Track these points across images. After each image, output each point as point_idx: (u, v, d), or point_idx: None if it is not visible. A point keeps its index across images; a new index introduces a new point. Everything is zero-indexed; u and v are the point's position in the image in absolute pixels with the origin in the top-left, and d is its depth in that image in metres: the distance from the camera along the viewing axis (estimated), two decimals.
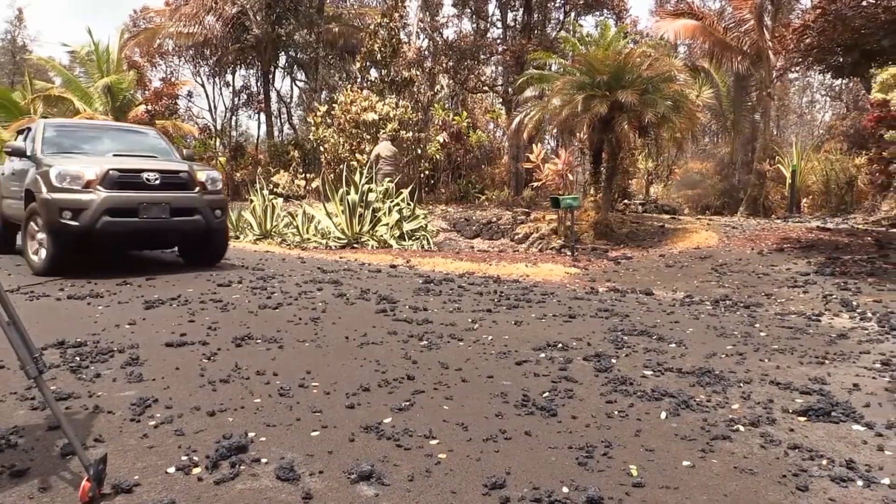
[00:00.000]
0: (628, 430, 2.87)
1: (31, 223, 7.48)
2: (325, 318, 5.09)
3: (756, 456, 2.64)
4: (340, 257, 10.16)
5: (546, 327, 4.99)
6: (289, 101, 34.47)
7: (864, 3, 10.25)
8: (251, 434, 2.64)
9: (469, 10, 25.46)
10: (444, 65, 23.14)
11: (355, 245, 12.29)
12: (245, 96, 32.44)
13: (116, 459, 2.36)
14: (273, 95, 30.33)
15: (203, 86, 31.97)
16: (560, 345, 4.36)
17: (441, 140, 19.00)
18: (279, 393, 3.18)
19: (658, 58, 13.54)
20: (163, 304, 5.49)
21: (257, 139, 34.03)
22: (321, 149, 15.95)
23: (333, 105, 16.92)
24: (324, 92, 26.11)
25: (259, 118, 34.89)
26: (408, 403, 3.09)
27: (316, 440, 2.62)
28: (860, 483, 2.40)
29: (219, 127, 31.41)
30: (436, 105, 20.67)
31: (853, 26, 10.10)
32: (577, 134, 14.56)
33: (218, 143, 29.83)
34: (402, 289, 6.72)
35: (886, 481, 2.42)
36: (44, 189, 7.15)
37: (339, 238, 12.51)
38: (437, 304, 5.82)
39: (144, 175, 7.38)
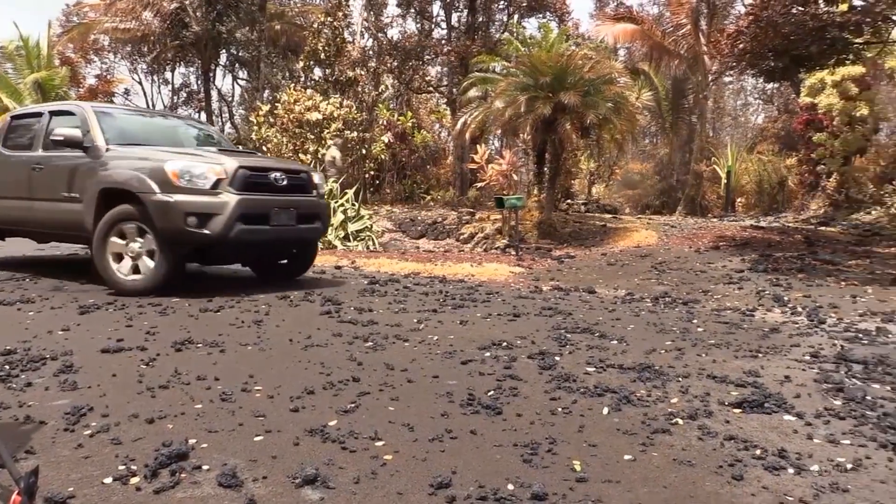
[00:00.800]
0: (572, 426, 2.93)
1: (116, 231, 6.16)
2: (268, 320, 5.02)
3: (694, 448, 2.72)
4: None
5: (491, 326, 5.04)
6: (230, 99, 33.80)
7: (793, 11, 10.67)
8: (192, 441, 2.58)
9: (413, 11, 25.43)
10: (388, 65, 23.06)
11: None
12: (185, 95, 31.71)
13: (49, 471, 2.28)
14: (214, 94, 29.70)
15: (140, 83, 31.11)
16: (505, 343, 4.41)
17: (386, 140, 18.94)
18: (221, 398, 3.12)
19: (599, 60, 13.80)
20: (98, 308, 5.32)
21: None
22: (264, 148, 15.69)
23: (276, 104, 16.66)
24: (266, 91, 25.66)
25: (199, 117, 34.14)
26: (353, 405, 3.08)
27: (259, 445, 2.59)
28: (791, 471, 2.51)
29: None
30: (380, 105, 20.59)
31: (783, 32, 10.50)
32: (521, 135, 14.72)
33: None
34: (347, 290, 6.68)
35: (815, 468, 2.53)
36: (156, 188, 5.92)
37: None
38: (382, 305, 5.81)
39: (272, 175, 6.48)
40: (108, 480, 2.22)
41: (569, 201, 18.90)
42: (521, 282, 8.00)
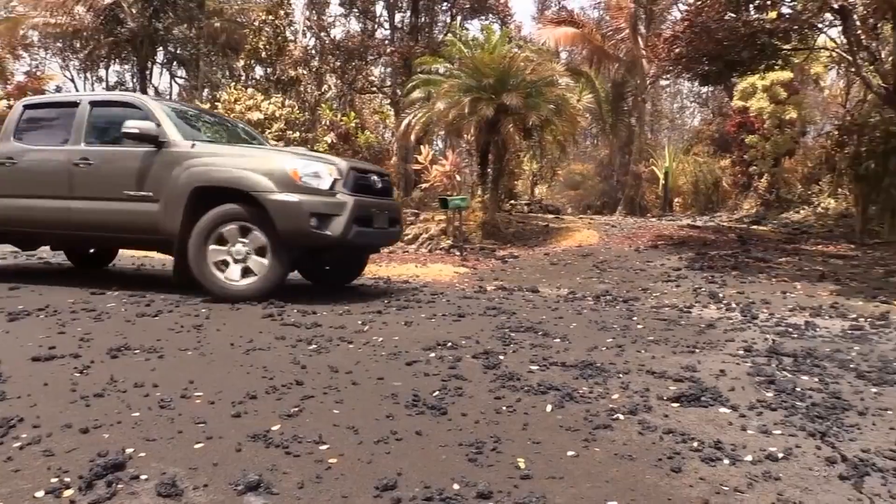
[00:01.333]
0: (516, 424, 2.96)
1: (215, 235, 5.84)
2: (208, 324, 4.91)
3: (635, 442, 2.79)
4: None
5: (436, 327, 5.05)
6: (168, 98, 32.91)
7: (726, 18, 11.06)
8: (129, 450, 2.50)
9: (356, 10, 25.28)
10: (331, 64, 22.86)
11: None
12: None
13: None
14: (150, 92, 28.85)
15: (73, 81, 29.97)
16: (450, 344, 4.42)
17: (329, 141, 18.75)
18: (159, 405, 3.04)
19: (541, 63, 13.99)
20: (28, 315, 5.11)
21: None
22: None
23: (216, 103, 16.31)
24: (206, 90, 25.11)
25: None
26: (297, 409, 3.04)
27: (200, 452, 2.53)
28: (727, 461, 2.60)
29: None
30: (323, 105, 20.35)
31: (717, 38, 10.87)
32: (465, 135, 14.81)
33: None
34: (290, 292, 6.59)
35: (749, 458, 2.63)
36: (274, 187, 5.67)
37: None
38: (326, 307, 5.75)
39: (371, 177, 6.37)
40: (40, 494, 2.14)
41: (512, 202, 19.09)
42: (466, 282, 8.04)
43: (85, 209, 6.31)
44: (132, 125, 5.98)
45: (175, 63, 29.30)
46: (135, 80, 29.28)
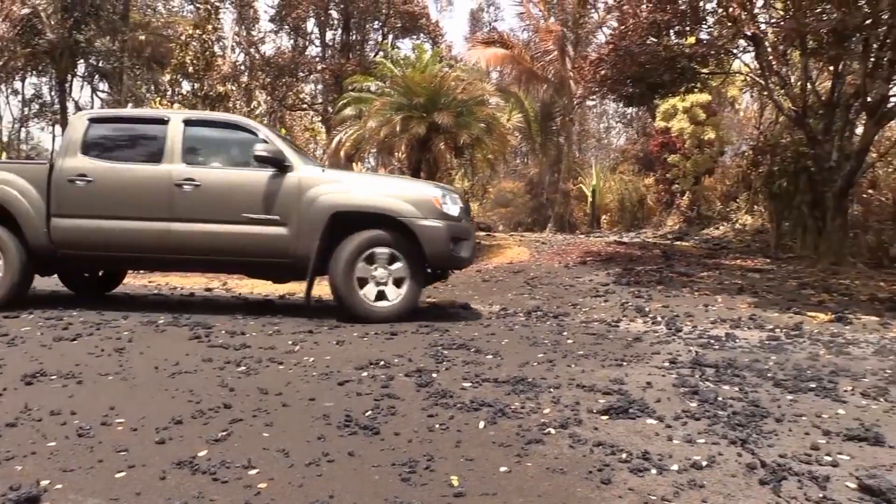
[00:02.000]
0: (449, 441, 2.96)
1: (363, 258, 5.99)
2: (131, 347, 4.73)
3: (566, 456, 2.83)
4: (150, 281, 9.51)
5: (368, 345, 5.01)
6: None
7: (648, 42, 11.49)
8: (44, 482, 2.38)
9: (287, 27, 25.07)
10: (261, 80, 22.58)
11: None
12: (37, 106, 29.41)
13: None
14: (70, 106, 27.75)
15: None
16: (382, 362, 4.39)
17: None
18: (78, 434, 2.90)
19: (472, 82, 14.20)
20: None
21: (52, 153, 30.90)
22: None
23: None
24: (130, 104, 24.35)
25: (54, 130, 31.80)
26: (225, 433, 2.96)
27: (122, 482, 2.42)
28: (654, 471, 2.66)
29: (5, 139, 28.16)
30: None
31: (640, 61, 11.28)
32: (396, 153, 14.84)
33: (4, 157, 26.70)
34: (218, 313, 6.42)
35: (675, 467, 2.70)
36: (420, 214, 5.98)
37: None
38: (255, 328, 5.63)
39: (464, 203, 6.79)
40: None
41: None
42: None
43: (190, 231, 6.10)
44: (263, 149, 6.00)
45: (97, 76, 28.32)
46: (53, 94, 28.16)
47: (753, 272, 9.96)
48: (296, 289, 8.59)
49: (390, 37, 24.56)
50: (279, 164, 6.09)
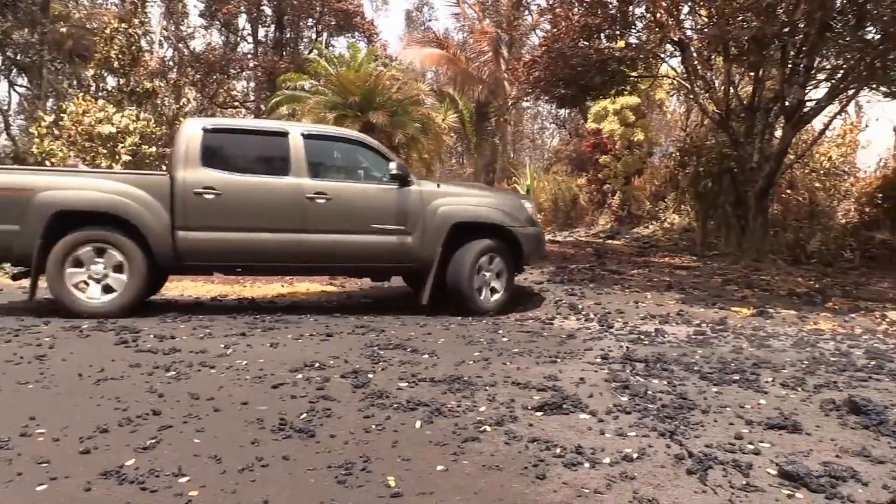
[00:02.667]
0: (386, 442, 2.96)
1: (482, 261, 6.84)
2: (53, 354, 4.53)
3: (502, 452, 2.87)
4: None
5: (303, 347, 4.94)
6: (6, 108, 30.16)
7: (580, 45, 11.72)
8: None
9: (218, 22, 24.47)
10: (190, 77, 21.97)
11: None
12: None
13: None
14: None
15: None
16: (317, 364, 4.35)
17: None
18: None
19: (407, 82, 14.20)
20: None
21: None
22: (47, 163, 14.17)
23: (62, 115, 15.15)
24: (50, 100, 23.29)
25: None
26: (154, 441, 2.87)
27: (44, 495, 2.33)
28: (587, 465, 2.73)
29: None
30: (182, 119, 19.46)
31: (572, 64, 11.50)
32: None
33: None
34: (146, 317, 6.22)
35: (607, 460, 2.78)
36: (523, 223, 7.12)
37: None
38: (186, 331, 5.47)
39: None
40: None
41: None
42: (334, 300, 7.95)
43: (323, 241, 6.52)
44: (396, 166, 6.67)
45: (14, 70, 26.93)
46: None
47: (681, 269, 10.30)
48: (227, 290, 8.41)
49: (324, 35, 24.29)
50: (405, 180, 6.71)
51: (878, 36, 9.42)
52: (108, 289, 6.07)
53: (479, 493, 2.45)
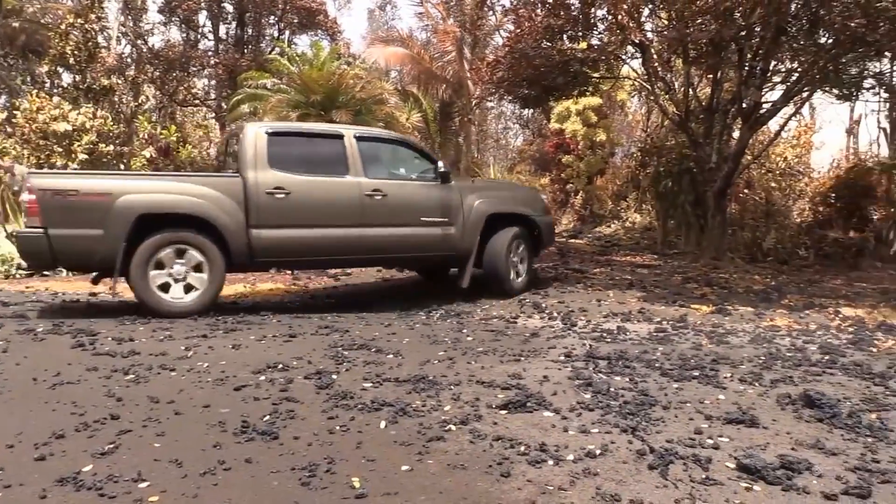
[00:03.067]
0: (350, 443, 2.94)
1: (509, 248, 7.71)
2: (6, 358, 4.40)
3: (466, 451, 2.88)
4: (27, 287, 8.87)
5: (266, 349, 4.89)
6: None
7: (543, 45, 11.80)
8: None
9: (177, 19, 24.04)
10: (149, 74, 21.56)
11: (46, 273, 10.80)
12: None
13: None
14: None
15: None
16: (280, 365, 4.31)
17: (147, 155, 17.61)
18: None
19: (370, 81, 14.16)
20: None
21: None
22: None
23: (15, 112, 14.74)
24: (2, 96, 22.64)
25: None
26: (112, 446, 2.81)
27: None
28: (551, 462, 2.76)
29: None
30: (140, 117, 19.04)
31: (535, 64, 11.57)
32: None
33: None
34: (104, 319, 6.08)
35: (571, 457, 2.81)
36: (543, 213, 8.42)
37: (24, 265, 10.85)
38: (145, 333, 5.37)
39: None
40: None
41: None
42: (297, 300, 7.89)
43: (384, 235, 7.10)
44: (443, 166, 7.49)
45: None
46: None
47: (642, 268, 10.46)
48: None
49: (287, 32, 24.05)
50: (446, 177, 7.44)
51: (830, 41, 9.69)
52: (188, 288, 6.27)
53: (444, 493, 2.46)
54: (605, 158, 18.77)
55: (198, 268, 6.27)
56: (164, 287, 6.16)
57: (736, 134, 12.21)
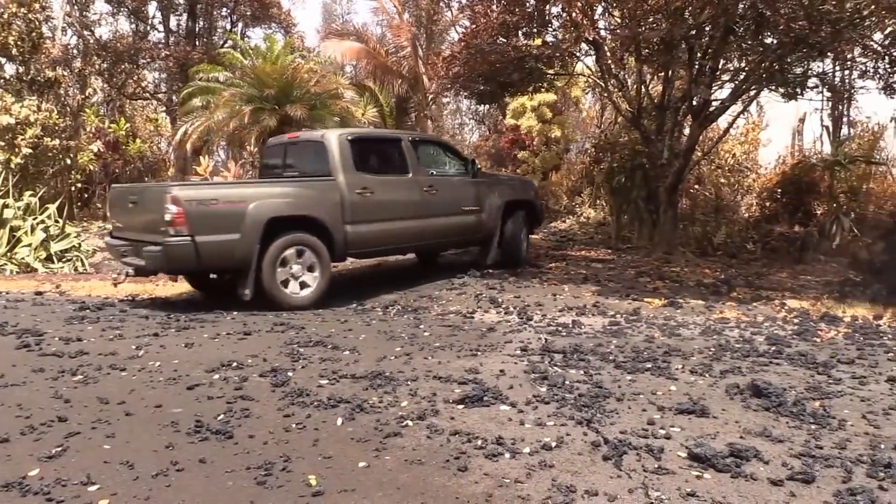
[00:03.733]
0: (306, 440, 2.92)
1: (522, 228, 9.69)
2: None
3: (424, 446, 2.88)
4: None
5: (220, 347, 4.82)
6: None
7: (499, 41, 11.83)
8: None
9: (126, 9, 23.38)
10: (97, 66, 20.93)
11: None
12: None
13: None
14: None
15: None
16: (235, 363, 4.25)
17: (95, 149, 17.11)
18: None
19: (325, 75, 14.01)
20: None
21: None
22: None
23: None
24: None
25: None
26: (60, 449, 2.74)
27: None
28: (508, 455, 2.78)
29: None
30: (88, 110, 18.46)
31: (490, 60, 11.59)
32: (248, 147, 14.34)
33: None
34: (51, 319, 5.91)
35: (527, 450, 2.84)
36: (536, 198, 10.49)
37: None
38: (94, 333, 5.23)
39: None
40: None
41: None
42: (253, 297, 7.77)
43: (437, 223, 8.50)
44: (477, 163, 9.29)
45: None
46: None
47: (597, 262, 10.61)
48: (138, 290, 8.09)
49: (240, 25, 23.61)
50: (477, 173, 9.11)
51: (776, 41, 9.96)
52: (303, 285, 6.93)
53: (401, 488, 2.46)
54: (560, 154, 18.95)
55: (311, 266, 6.98)
56: (284, 283, 6.78)
57: (687, 131, 12.45)
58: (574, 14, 11.08)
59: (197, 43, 21.44)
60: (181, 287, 8.30)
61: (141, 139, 19.79)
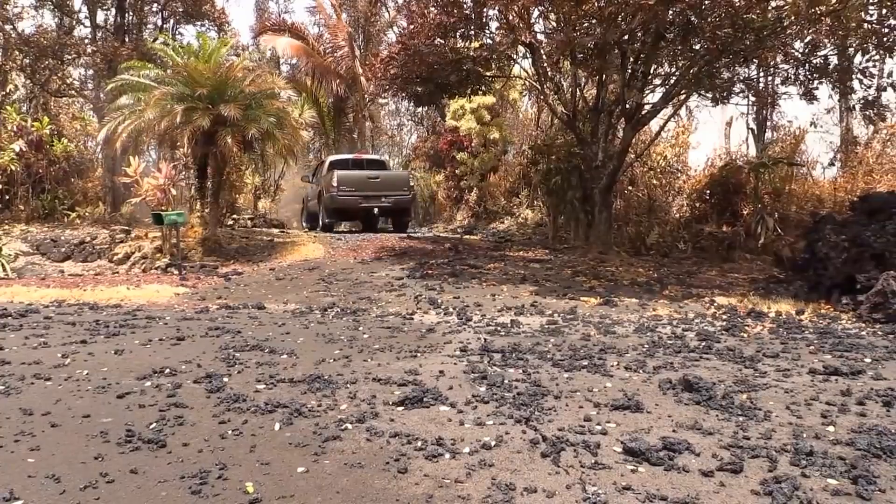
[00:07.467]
0: (243, 447, 2.87)
1: None
2: None
3: (363, 450, 2.86)
4: None
5: (152, 353, 4.67)
6: None
7: (436, 43, 11.87)
8: None
9: (50, 3, 22.39)
10: (18, 62, 19.99)
11: None
12: None
13: None
14: None
15: None
16: (168, 370, 4.13)
17: (17, 149, 16.34)
18: None
19: (260, 74, 13.75)
20: None
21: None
22: None
23: None
24: None
25: None
26: None
27: None
28: (448, 456, 2.79)
29: None
30: (9, 108, 17.63)
31: (428, 62, 11.62)
32: (180, 147, 13.95)
33: None
34: None
35: (467, 450, 2.85)
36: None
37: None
38: (16, 341, 5.00)
39: None
40: None
41: (234, 216, 18.39)
42: (186, 302, 7.57)
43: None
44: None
45: None
46: None
47: (535, 262, 10.76)
48: (65, 295, 7.77)
49: (171, 21, 22.93)
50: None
51: (704, 48, 10.32)
52: None
53: (340, 492, 2.44)
54: (499, 156, 19.15)
55: None
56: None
57: (620, 133, 12.76)
58: (511, 17, 11.21)
59: (126, 39, 20.72)
60: (111, 292, 8.02)
61: (67, 138, 19.02)
